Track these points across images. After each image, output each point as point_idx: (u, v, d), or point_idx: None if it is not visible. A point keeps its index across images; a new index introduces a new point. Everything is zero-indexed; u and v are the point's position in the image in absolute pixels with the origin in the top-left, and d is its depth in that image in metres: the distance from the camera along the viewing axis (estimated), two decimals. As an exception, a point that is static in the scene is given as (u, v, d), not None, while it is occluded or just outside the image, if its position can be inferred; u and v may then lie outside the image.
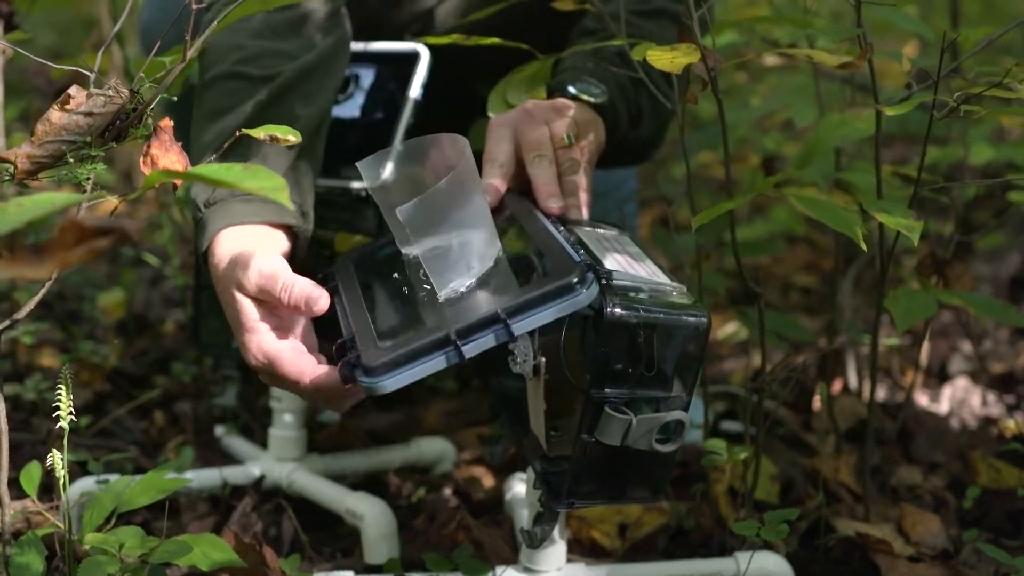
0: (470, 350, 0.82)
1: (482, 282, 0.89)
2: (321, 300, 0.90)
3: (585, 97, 1.09)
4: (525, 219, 0.99)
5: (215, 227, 0.98)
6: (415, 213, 0.87)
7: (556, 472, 0.91)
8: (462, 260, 0.88)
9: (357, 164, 0.94)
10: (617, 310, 0.83)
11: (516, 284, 0.88)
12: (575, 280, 0.82)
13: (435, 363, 0.82)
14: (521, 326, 0.82)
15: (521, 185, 1.04)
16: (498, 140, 1.04)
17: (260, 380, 0.98)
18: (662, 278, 0.88)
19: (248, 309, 0.93)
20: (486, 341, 0.82)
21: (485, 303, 0.86)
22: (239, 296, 0.93)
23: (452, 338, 0.82)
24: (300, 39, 1.13)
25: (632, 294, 0.85)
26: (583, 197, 1.03)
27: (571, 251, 0.88)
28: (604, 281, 0.84)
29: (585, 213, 1.03)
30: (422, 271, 0.90)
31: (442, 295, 0.88)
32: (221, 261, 0.97)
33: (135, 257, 2.14)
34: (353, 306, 0.95)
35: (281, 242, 1.00)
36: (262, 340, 0.92)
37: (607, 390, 0.84)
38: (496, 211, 1.00)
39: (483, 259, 0.89)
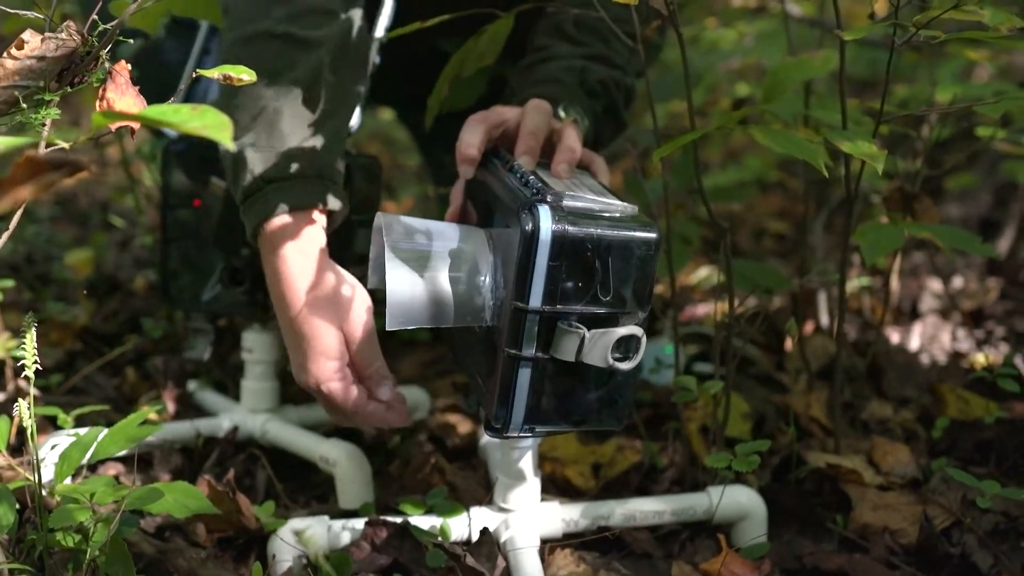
0: (528, 349, 0.86)
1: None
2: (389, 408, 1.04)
3: None
4: (486, 173, 1.01)
5: (267, 210, 1.02)
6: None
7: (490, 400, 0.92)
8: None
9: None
10: (566, 227, 0.84)
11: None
12: (528, 227, 0.84)
13: (522, 377, 0.87)
14: (535, 299, 0.85)
15: (504, 143, 1.05)
16: (495, 110, 1.06)
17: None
18: (614, 201, 0.89)
19: (335, 340, 1.00)
20: (530, 337, 0.86)
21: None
22: (330, 327, 1.00)
23: (515, 353, 0.86)
24: None
25: (582, 212, 0.86)
26: (573, 159, 1.03)
27: (519, 191, 0.90)
28: (552, 200, 0.85)
29: (568, 172, 1.02)
30: None
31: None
32: (287, 258, 1.01)
33: (104, 220, 2.12)
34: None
35: (323, 226, 1.04)
36: (334, 372, 1.01)
37: (559, 306, 0.85)
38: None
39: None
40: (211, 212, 1.25)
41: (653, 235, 0.86)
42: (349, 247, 1.20)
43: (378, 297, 1.03)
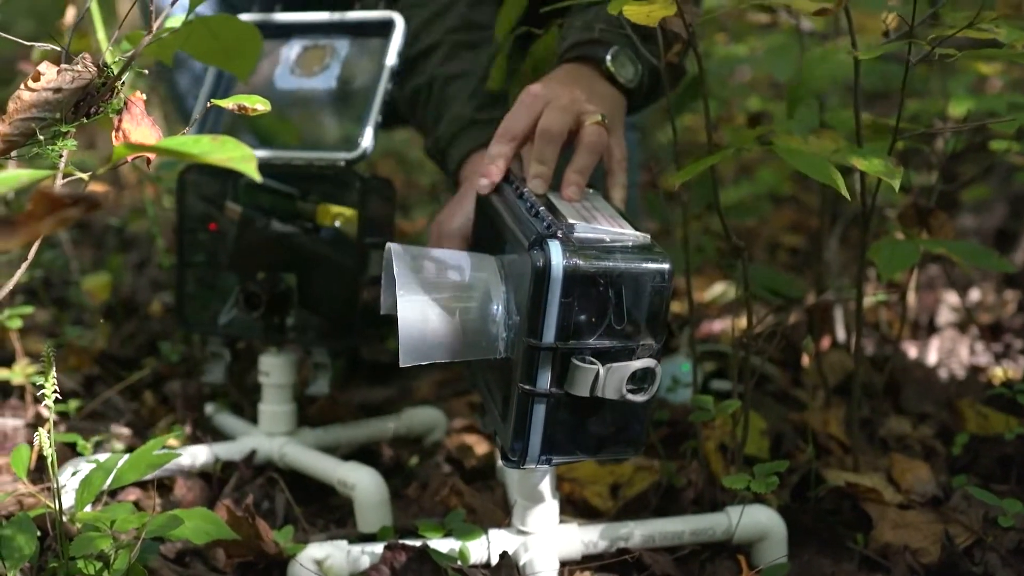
0: (542, 385, 0.86)
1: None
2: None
3: (620, 80, 1.10)
4: (496, 195, 1.01)
5: (462, 150, 1.18)
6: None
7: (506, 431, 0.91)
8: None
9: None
10: (577, 262, 0.83)
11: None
12: (540, 263, 0.83)
13: (537, 412, 0.87)
14: (548, 335, 0.84)
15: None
16: (523, 113, 1.03)
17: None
18: (627, 229, 0.88)
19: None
20: (544, 373, 0.86)
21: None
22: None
23: (530, 389, 0.86)
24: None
25: (592, 245, 0.85)
26: (582, 181, 1.01)
27: (529, 221, 0.90)
28: (562, 234, 0.85)
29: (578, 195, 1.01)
30: None
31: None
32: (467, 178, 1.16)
33: (120, 243, 2.13)
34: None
35: None
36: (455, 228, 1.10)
37: (572, 342, 0.84)
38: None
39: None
40: (227, 236, 1.26)
41: (666, 266, 0.85)
42: (363, 271, 1.20)
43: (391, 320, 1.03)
